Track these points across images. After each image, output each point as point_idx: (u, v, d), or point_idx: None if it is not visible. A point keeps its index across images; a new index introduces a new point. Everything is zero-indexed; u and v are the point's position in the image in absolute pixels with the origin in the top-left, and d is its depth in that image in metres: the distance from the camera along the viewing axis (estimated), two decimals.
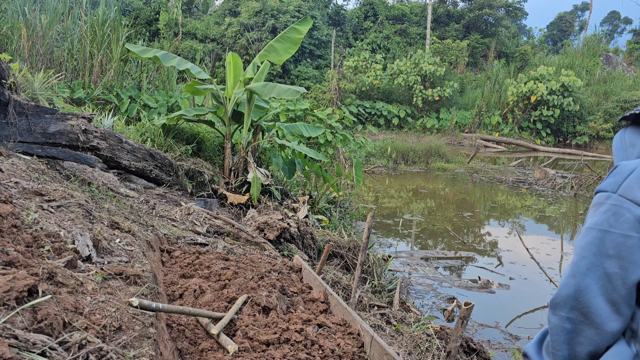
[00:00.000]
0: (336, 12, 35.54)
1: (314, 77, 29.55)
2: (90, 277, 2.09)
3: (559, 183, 13.17)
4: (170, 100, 12.98)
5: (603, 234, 1.03)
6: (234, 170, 6.24)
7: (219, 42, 30.60)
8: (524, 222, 9.56)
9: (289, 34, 6.39)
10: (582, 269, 1.04)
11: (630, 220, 1.00)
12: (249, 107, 6.11)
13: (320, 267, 3.83)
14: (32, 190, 2.96)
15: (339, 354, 2.34)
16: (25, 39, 11.11)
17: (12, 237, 1.99)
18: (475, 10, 35.68)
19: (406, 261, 6.55)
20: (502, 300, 5.38)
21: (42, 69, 11.10)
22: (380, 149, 16.65)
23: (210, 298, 2.73)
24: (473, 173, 15.58)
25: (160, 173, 5.34)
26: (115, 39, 12.97)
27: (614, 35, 58.47)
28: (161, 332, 2.06)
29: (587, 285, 1.03)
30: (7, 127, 4.03)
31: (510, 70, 31.69)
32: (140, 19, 30.99)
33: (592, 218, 1.07)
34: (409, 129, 26.89)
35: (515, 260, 6.89)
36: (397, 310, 4.03)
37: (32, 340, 1.35)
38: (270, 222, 4.74)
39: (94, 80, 12.89)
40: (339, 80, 24.45)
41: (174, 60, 5.84)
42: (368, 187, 12.46)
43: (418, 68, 26.93)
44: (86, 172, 4.50)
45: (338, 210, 7.87)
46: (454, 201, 11.34)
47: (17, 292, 1.48)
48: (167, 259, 3.41)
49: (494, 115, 26.81)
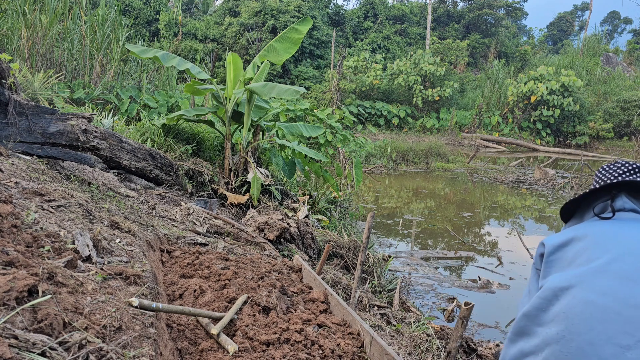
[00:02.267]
0: (336, 12, 35.54)
1: (314, 77, 29.55)
2: (90, 277, 2.09)
3: (559, 183, 13.17)
4: (170, 100, 12.98)
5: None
6: (234, 170, 6.24)
7: (219, 42, 30.60)
8: (524, 222, 9.56)
9: (289, 34, 6.39)
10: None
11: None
12: (249, 107, 6.11)
13: (320, 267, 3.83)
14: (32, 190, 2.96)
15: (339, 354, 2.34)
16: (25, 39, 11.10)
17: (12, 237, 1.99)
18: (475, 10, 35.69)
19: (406, 261, 6.55)
20: (502, 300, 5.37)
21: (42, 69, 11.10)
22: (380, 149, 16.65)
23: (210, 298, 2.73)
24: (473, 173, 15.57)
25: (160, 173, 5.34)
26: (115, 39, 12.98)
27: (614, 35, 58.49)
28: (161, 332, 2.06)
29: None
30: (7, 127, 4.03)
31: (510, 70, 31.70)
32: (140, 19, 31.00)
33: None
34: (409, 129, 26.89)
35: (515, 260, 6.89)
36: (397, 310, 4.03)
37: (32, 340, 1.35)
38: (270, 222, 4.74)
39: (94, 80, 12.89)
40: (339, 80, 24.45)
41: (174, 60, 5.84)
42: (368, 187, 12.46)
43: (418, 68, 26.93)
44: (86, 172, 4.50)
45: (338, 210, 7.87)
46: (454, 201, 11.34)
47: (17, 292, 1.48)
48: (167, 259, 3.41)
49: (494, 115, 26.81)
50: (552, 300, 1.11)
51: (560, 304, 1.09)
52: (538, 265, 1.31)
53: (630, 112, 25.68)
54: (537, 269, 1.31)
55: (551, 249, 1.25)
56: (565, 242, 1.24)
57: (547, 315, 1.11)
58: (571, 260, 1.19)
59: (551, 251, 1.24)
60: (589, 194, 1.38)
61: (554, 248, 1.25)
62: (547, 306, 1.12)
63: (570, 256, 1.20)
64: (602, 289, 1.07)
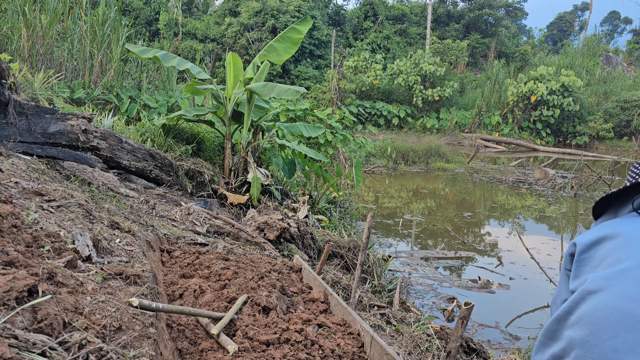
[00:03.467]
0: (336, 12, 35.54)
1: (314, 77, 29.56)
2: (90, 277, 2.09)
3: (559, 183, 13.17)
4: (170, 100, 12.98)
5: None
6: (234, 170, 6.23)
7: (219, 42, 30.60)
8: (524, 222, 9.56)
9: (289, 34, 6.39)
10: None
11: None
12: (249, 107, 6.11)
13: (320, 267, 3.83)
14: (32, 190, 2.96)
15: (339, 354, 2.34)
16: (25, 39, 11.11)
17: (12, 237, 1.99)
18: (475, 10, 35.69)
19: (406, 261, 6.55)
20: (502, 300, 5.37)
21: (42, 69, 11.10)
22: (380, 149, 16.65)
23: (210, 298, 2.73)
24: (473, 173, 15.57)
25: (160, 173, 5.34)
26: (115, 39, 12.97)
27: (614, 35, 58.51)
28: (161, 332, 2.06)
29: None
30: (7, 127, 4.03)
31: (510, 70, 31.70)
32: (140, 19, 31.00)
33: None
34: (409, 129, 26.90)
35: (515, 261, 6.89)
36: (397, 310, 4.03)
37: (32, 340, 1.35)
38: (270, 222, 4.74)
39: (94, 80, 12.90)
40: (339, 80, 24.45)
41: (174, 60, 5.84)
42: (368, 187, 12.46)
43: (418, 68, 26.93)
44: (86, 172, 4.50)
45: (338, 210, 7.87)
46: (454, 201, 11.34)
47: (17, 292, 1.48)
48: (167, 259, 3.41)
49: (494, 115, 26.81)
50: (580, 303, 1.09)
51: (587, 307, 1.07)
52: (567, 266, 1.27)
53: (630, 112, 25.69)
54: (567, 269, 1.28)
55: (582, 247, 1.21)
56: (597, 239, 1.20)
57: (573, 317, 1.09)
58: (601, 259, 1.15)
59: (582, 249, 1.20)
60: (629, 188, 1.32)
61: (585, 246, 1.20)
62: (574, 309, 1.10)
63: (601, 255, 1.16)
64: (630, 294, 1.04)
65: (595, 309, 1.05)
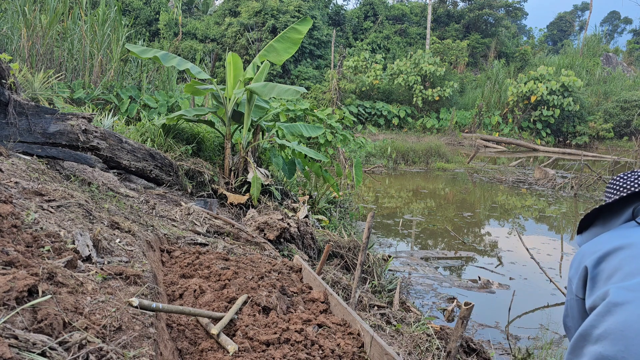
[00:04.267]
0: (336, 12, 35.54)
1: (314, 77, 29.56)
2: (90, 277, 2.09)
3: (559, 183, 13.17)
4: (170, 100, 12.98)
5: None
6: (234, 170, 6.23)
7: (219, 42, 30.60)
8: (524, 222, 9.56)
9: (288, 34, 6.39)
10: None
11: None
12: (249, 107, 6.11)
13: (320, 267, 3.83)
14: (32, 190, 2.96)
15: (339, 354, 2.34)
16: (25, 39, 11.11)
17: (12, 237, 1.99)
18: (475, 10, 35.68)
19: (406, 261, 6.55)
20: (502, 300, 5.37)
21: (42, 69, 11.10)
22: (380, 149, 16.65)
23: (210, 298, 2.72)
24: (473, 173, 15.58)
25: (160, 173, 5.34)
26: (115, 39, 12.97)
27: (614, 35, 58.54)
28: (161, 332, 2.06)
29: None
30: (7, 127, 4.03)
31: (510, 70, 31.70)
32: (140, 19, 30.99)
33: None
34: (409, 129, 26.89)
35: (515, 261, 6.89)
36: (397, 310, 4.03)
37: (32, 340, 1.35)
38: (270, 222, 4.74)
39: (94, 80, 12.89)
40: (339, 80, 24.44)
41: (174, 60, 5.84)
42: (368, 187, 12.46)
43: (418, 68, 26.93)
44: (86, 172, 4.50)
45: (338, 210, 7.87)
46: (454, 201, 11.34)
47: (17, 292, 1.48)
48: (167, 259, 3.41)
49: (494, 115, 26.81)
50: (605, 316, 1.07)
51: (615, 320, 1.05)
52: (580, 293, 1.23)
53: (630, 112, 25.69)
54: (580, 297, 1.24)
55: (592, 264, 1.20)
56: (605, 253, 1.19)
57: (598, 331, 1.07)
58: (614, 269, 1.14)
59: (593, 266, 1.19)
60: (619, 201, 1.33)
61: (595, 262, 1.20)
62: (599, 322, 1.08)
63: (612, 266, 1.15)
64: None
65: (627, 322, 1.02)
